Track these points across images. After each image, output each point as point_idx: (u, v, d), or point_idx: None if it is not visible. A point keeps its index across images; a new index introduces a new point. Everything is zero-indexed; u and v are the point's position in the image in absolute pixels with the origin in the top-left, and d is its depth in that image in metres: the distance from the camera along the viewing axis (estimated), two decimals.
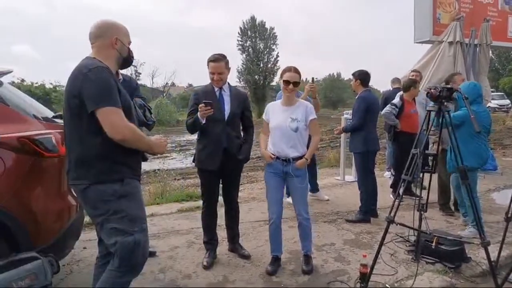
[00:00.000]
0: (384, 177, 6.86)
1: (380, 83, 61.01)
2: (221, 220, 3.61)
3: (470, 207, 4.14)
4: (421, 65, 6.64)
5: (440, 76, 6.23)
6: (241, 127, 3.54)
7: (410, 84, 5.30)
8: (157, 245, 3.80)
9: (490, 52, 7.54)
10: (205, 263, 3.32)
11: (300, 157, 3.17)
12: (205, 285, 3.02)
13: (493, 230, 4.15)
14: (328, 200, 5.51)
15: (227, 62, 3.34)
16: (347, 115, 6.47)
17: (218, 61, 3.28)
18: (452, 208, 4.88)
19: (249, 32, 43.52)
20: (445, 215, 4.80)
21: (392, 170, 6.29)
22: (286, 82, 3.13)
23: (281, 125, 3.16)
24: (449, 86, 2.75)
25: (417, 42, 6.82)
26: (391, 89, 6.66)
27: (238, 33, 43.76)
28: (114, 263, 2.06)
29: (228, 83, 3.43)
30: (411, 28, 6.86)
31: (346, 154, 6.63)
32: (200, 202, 3.66)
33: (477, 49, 6.78)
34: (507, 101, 30.87)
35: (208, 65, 3.32)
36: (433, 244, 3.40)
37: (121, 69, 2.47)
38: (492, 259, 3.37)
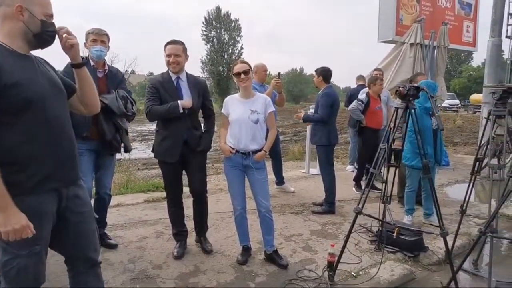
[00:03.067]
0: (346, 170, 7.11)
1: (342, 80, 62.55)
2: (190, 210, 3.59)
3: (426, 198, 4.45)
4: (384, 64, 6.90)
5: (402, 76, 6.52)
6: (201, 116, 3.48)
7: (372, 81, 5.52)
8: (124, 235, 3.74)
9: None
10: (175, 254, 3.31)
11: (260, 150, 3.18)
12: (176, 275, 3.02)
13: (447, 222, 4.43)
14: (294, 192, 5.64)
15: (185, 48, 3.19)
16: (311, 110, 6.62)
17: (175, 43, 3.15)
18: None
19: (214, 23, 43.07)
20: (403, 207, 5.06)
21: (355, 164, 6.53)
22: (237, 74, 3.13)
23: (241, 117, 3.14)
24: (417, 85, 2.91)
25: (380, 42, 7.08)
26: (356, 86, 6.90)
27: (203, 23, 43.23)
28: (2, 283, 1.82)
29: (186, 72, 3.29)
30: (375, 27, 7.11)
31: (311, 147, 6.79)
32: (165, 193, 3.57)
33: (435, 50, 7.15)
34: (457, 101, 32.85)
35: (164, 49, 3.16)
36: (395, 234, 3.59)
37: (37, 49, 1.80)
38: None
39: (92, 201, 3.04)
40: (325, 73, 4.75)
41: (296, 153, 9.36)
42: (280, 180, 5.70)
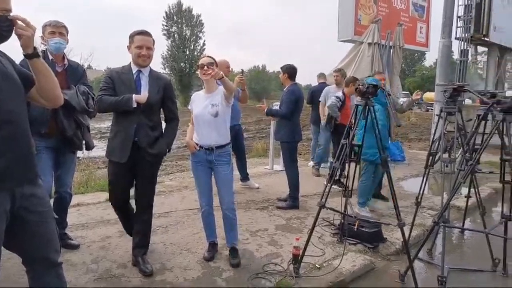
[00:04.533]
0: (308, 166, 7.27)
1: (304, 78, 63.76)
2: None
3: (366, 186, 4.67)
4: (345, 63, 7.13)
5: (362, 74, 6.75)
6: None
7: (351, 81, 5.67)
8: (86, 235, 3.63)
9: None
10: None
11: (223, 146, 3.17)
12: (142, 274, 2.98)
13: (403, 214, 4.65)
14: (259, 188, 5.71)
15: (154, 41, 2.97)
16: (276, 107, 6.72)
17: (147, 35, 2.90)
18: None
19: (175, 18, 42.27)
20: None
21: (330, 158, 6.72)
22: (201, 66, 3.11)
23: (201, 112, 3.13)
24: (375, 83, 3.05)
25: (340, 41, 7.30)
26: (317, 83, 7.07)
27: (164, 17, 42.30)
28: None
29: (150, 67, 3.03)
30: (336, 27, 7.32)
31: (275, 144, 6.89)
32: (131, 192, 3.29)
33: (391, 50, 7.48)
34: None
35: (132, 39, 2.88)
36: (355, 227, 3.75)
37: None
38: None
39: (52, 201, 2.94)
40: (290, 71, 4.84)
41: (260, 150, 9.46)
42: (244, 177, 5.75)
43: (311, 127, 7.42)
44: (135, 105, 2.80)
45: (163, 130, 3.11)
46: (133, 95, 2.83)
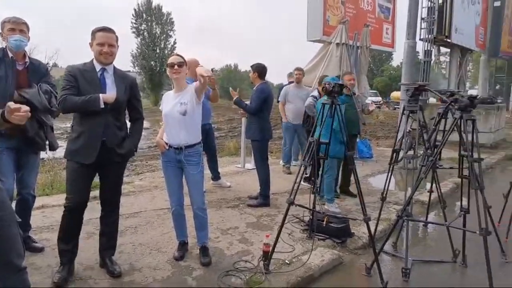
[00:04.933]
0: (279, 164, 7.34)
1: (276, 76, 64.23)
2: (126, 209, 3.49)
3: (331, 182, 4.83)
4: (314, 63, 7.26)
5: (331, 74, 6.89)
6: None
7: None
8: (51, 238, 3.52)
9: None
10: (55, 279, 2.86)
11: (193, 145, 3.15)
12: (109, 276, 2.93)
13: (370, 209, 4.80)
14: (230, 186, 5.72)
15: (117, 38, 2.87)
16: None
17: (109, 31, 2.80)
18: (338, 191, 5.50)
19: (144, 15, 41.50)
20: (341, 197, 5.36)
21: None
22: (171, 65, 3.08)
23: (170, 111, 3.10)
24: (340, 82, 3.13)
25: (309, 41, 7.41)
26: (287, 82, 7.16)
27: (132, 15, 41.44)
28: None
29: (114, 65, 2.93)
30: (305, 27, 7.43)
31: (246, 143, 6.93)
32: (96, 192, 3.20)
33: (359, 50, 7.67)
34: (379, 98, 35.31)
35: (94, 36, 2.78)
36: (324, 223, 3.84)
37: None
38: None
39: (14, 204, 2.85)
40: (260, 69, 4.88)
41: (232, 149, 9.47)
42: (216, 176, 5.74)
43: (282, 125, 7.49)
44: (103, 105, 2.72)
45: (129, 130, 3.04)
46: (101, 94, 2.75)
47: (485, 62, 14.20)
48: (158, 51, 41.39)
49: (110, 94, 2.80)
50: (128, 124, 3.09)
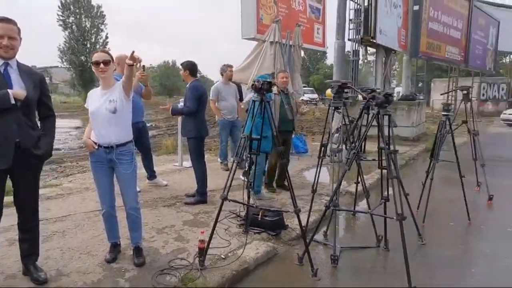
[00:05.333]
0: (218, 161, 7.38)
1: (215, 73, 63.88)
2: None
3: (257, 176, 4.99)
4: (249, 61, 7.37)
5: (265, 72, 7.05)
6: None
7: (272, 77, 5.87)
8: None
9: (303, 52, 8.91)
10: None
11: (125, 143, 3.08)
12: (34, 283, 2.77)
13: (304, 202, 5.03)
14: (167, 185, 5.65)
15: (19, 30, 2.65)
16: (181, 104, 6.70)
17: (9, 22, 2.57)
18: (275, 185, 5.66)
19: (72, 7, 38.97)
20: (268, 192, 5.53)
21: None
22: (96, 64, 2.98)
23: (98, 109, 2.99)
24: (269, 80, 3.24)
25: (244, 38, 7.52)
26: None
27: (59, 6, 38.71)
28: None
29: (16, 60, 2.70)
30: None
31: (183, 140, 6.86)
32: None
33: (292, 49, 7.93)
34: (316, 95, 36.70)
35: None
36: (259, 216, 3.96)
37: None
38: (303, 224, 4.17)
39: None
40: (190, 67, 4.86)
41: (169, 147, 9.32)
42: (151, 175, 5.63)
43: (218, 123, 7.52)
44: (13, 101, 2.52)
45: (42, 129, 2.85)
46: (9, 90, 2.53)
47: (407, 61, 15.37)
48: (88, 45, 39.15)
49: (20, 90, 2.60)
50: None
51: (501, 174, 7.80)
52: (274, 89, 5.20)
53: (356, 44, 10.96)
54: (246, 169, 4.62)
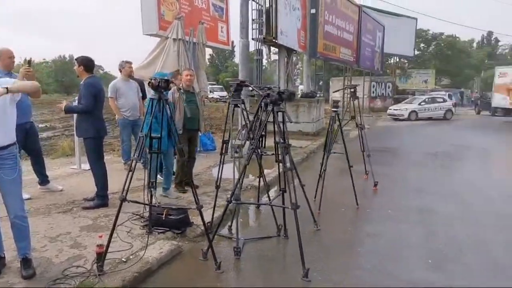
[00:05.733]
0: (121, 162, 7.07)
1: (117, 70, 60.23)
2: None
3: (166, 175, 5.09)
4: (152, 57, 7.15)
5: (169, 69, 6.92)
6: None
7: (174, 75, 5.68)
8: None
9: (209, 50, 8.95)
10: None
11: (6, 147, 2.84)
12: None
13: (210, 198, 5.09)
14: (63, 190, 5.25)
15: None
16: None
17: None
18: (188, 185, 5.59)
19: None
20: (177, 191, 5.45)
21: None
22: None
23: None
24: (166, 78, 3.22)
25: (145, 34, 7.28)
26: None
27: None
28: None
29: None
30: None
31: (80, 141, 6.43)
32: None
33: (196, 47, 7.91)
34: (225, 93, 37.06)
35: None
36: (164, 216, 3.92)
37: None
38: (209, 220, 4.24)
39: None
40: (86, 62, 4.58)
41: (66, 149, 8.64)
42: (43, 180, 5.18)
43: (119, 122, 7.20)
44: None
45: None
46: None
47: (307, 61, 16.40)
48: None
49: None
50: None
51: (385, 162, 8.83)
52: (179, 86, 5.18)
53: (259, 44, 11.36)
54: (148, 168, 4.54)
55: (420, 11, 74.46)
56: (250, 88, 5.00)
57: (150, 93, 5.53)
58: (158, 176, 5.06)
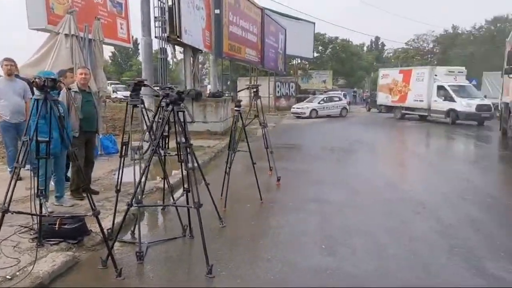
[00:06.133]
0: (6, 171, 6.34)
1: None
2: None
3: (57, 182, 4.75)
4: (41, 54, 6.53)
5: (62, 67, 6.38)
6: None
7: (62, 74, 5.17)
8: None
9: (111, 48, 8.46)
10: None
11: None
12: None
13: (112, 203, 4.85)
14: None
15: None
16: None
17: None
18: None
19: None
20: (73, 198, 5.07)
21: None
22: None
23: None
24: (52, 77, 2.98)
25: (32, 29, 6.62)
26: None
27: None
28: None
29: None
30: None
31: None
32: None
33: (92, 44, 7.42)
34: (128, 93, 35.46)
35: None
36: (57, 226, 3.63)
37: None
38: (109, 227, 4.05)
39: None
40: None
41: None
42: None
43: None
44: None
45: None
46: None
47: (213, 61, 16.50)
48: None
49: None
50: None
51: (289, 158, 9.36)
52: (74, 86, 4.84)
53: (164, 42, 11.09)
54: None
55: (317, 16, 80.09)
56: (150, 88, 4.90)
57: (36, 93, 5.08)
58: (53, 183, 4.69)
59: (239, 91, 9.48)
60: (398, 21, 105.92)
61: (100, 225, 3.32)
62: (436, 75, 19.76)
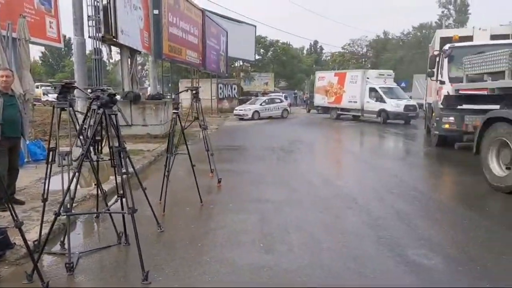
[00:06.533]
0: None
1: None
2: None
3: None
4: None
5: None
6: None
7: None
8: None
9: (41, 48, 7.92)
10: None
11: None
12: None
13: (39, 213, 4.52)
14: None
15: None
16: None
17: None
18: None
19: None
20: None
21: None
22: None
23: None
24: None
25: None
26: None
27: None
28: None
29: None
30: None
31: None
32: None
33: (17, 43, 6.91)
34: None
35: None
36: None
37: None
38: (36, 238, 3.80)
39: None
40: None
41: None
42: None
43: None
44: None
45: None
46: None
47: (153, 63, 16.09)
48: None
49: None
50: None
51: (231, 159, 9.41)
52: None
53: (98, 42, 10.62)
54: None
55: (258, 19, 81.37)
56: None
57: None
58: None
59: (177, 94, 9.35)
60: (336, 26, 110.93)
61: (23, 237, 3.11)
62: (368, 78, 21.06)
